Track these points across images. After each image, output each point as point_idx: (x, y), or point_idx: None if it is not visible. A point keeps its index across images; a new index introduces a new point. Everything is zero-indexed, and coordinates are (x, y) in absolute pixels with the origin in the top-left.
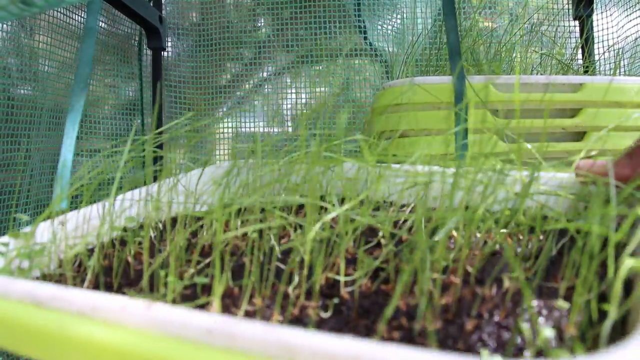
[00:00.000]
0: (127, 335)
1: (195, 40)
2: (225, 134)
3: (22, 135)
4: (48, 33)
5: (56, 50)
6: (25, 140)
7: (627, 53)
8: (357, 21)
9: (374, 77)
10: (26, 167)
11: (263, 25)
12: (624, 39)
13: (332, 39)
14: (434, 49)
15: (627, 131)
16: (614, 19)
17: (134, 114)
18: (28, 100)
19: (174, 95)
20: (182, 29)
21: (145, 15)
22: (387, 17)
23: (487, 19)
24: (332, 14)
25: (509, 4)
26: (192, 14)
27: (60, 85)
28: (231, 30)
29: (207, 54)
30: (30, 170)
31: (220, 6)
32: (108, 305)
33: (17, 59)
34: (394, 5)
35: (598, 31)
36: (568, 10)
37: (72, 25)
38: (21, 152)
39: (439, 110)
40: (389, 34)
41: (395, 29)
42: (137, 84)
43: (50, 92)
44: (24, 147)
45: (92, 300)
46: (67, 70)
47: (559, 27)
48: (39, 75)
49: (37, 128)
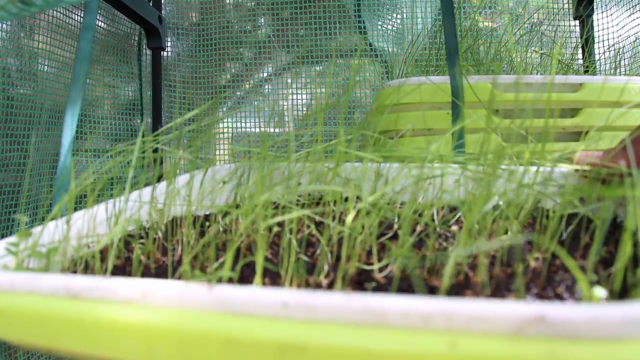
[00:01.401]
0: (187, 318)
1: (195, 40)
2: (226, 134)
3: (21, 135)
4: (47, 33)
5: (55, 50)
6: (25, 140)
7: (627, 53)
8: (357, 21)
9: (373, 77)
10: (25, 167)
11: (263, 25)
12: (624, 39)
13: (332, 39)
14: (434, 48)
15: (627, 131)
16: (615, 18)
17: (134, 114)
18: (27, 100)
19: (173, 95)
20: (182, 29)
21: (145, 15)
22: (387, 17)
23: (487, 19)
24: (332, 14)
25: (509, 4)
26: (191, 14)
27: (59, 85)
28: (231, 30)
29: (206, 54)
30: (30, 170)
31: (220, 6)
32: (160, 290)
33: (17, 59)
34: (394, 5)
35: (598, 31)
36: (568, 9)
37: (71, 25)
38: (20, 152)
39: (440, 110)
40: (388, 34)
41: (395, 29)
42: (136, 84)
43: (50, 92)
44: (23, 147)
45: (140, 287)
46: (67, 70)
47: (559, 27)
48: (38, 75)
49: (37, 128)
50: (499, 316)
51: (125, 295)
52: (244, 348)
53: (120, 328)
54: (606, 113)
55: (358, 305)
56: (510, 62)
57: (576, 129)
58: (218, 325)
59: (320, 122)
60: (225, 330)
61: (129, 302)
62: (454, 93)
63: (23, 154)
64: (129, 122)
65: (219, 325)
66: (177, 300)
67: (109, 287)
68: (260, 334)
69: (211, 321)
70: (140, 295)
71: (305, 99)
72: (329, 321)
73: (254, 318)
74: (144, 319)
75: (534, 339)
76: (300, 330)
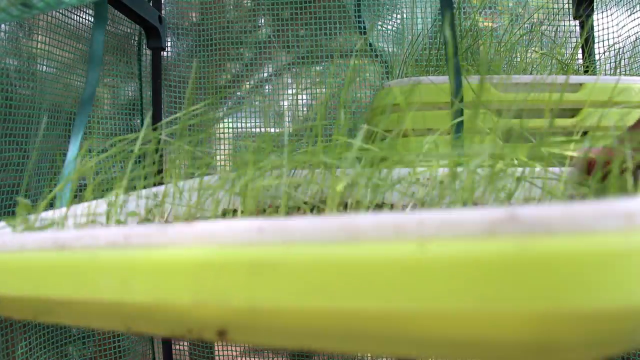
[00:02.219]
0: (168, 253)
1: (195, 40)
2: (226, 134)
3: (20, 135)
4: (47, 33)
5: (54, 50)
6: (23, 140)
7: (627, 53)
8: (357, 21)
9: (373, 77)
10: (24, 167)
11: (263, 25)
12: (624, 39)
13: (332, 39)
14: (434, 48)
15: None
16: (615, 18)
17: (134, 114)
18: (26, 100)
19: (173, 95)
20: (182, 29)
21: (145, 15)
22: (387, 16)
23: (487, 19)
24: (332, 14)
25: (508, 4)
26: (191, 13)
27: (59, 85)
28: (231, 30)
29: (206, 54)
30: (28, 170)
31: (220, 6)
32: (142, 230)
33: (16, 59)
34: (394, 5)
35: (598, 31)
36: (568, 9)
37: (70, 25)
38: (19, 152)
39: (440, 110)
40: (388, 34)
41: (395, 29)
42: (136, 84)
43: (49, 92)
44: (21, 146)
45: (124, 231)
46: (66, 71)
47: (559, 27)
48: (37, 75)
49: (35, 128)
50: (470, 219)
51: (108, 240)
52: (218, 270)
53: (103, 267)
54: (606, 113)
55: (332, 224)
56: (510, 62)
57: (575, 128)
58: (196, 253)
59: (321, 117)
60: (202, 257)
61: (112, 244)
62: (453, 92)
63: (22, 154)
64: (129, 122)
65: (197, 253)
66: (158, 236)
67: (94, 234)
68: (235, 256)
69: (189, 252)
70: (123, 238)
71: (305, 99)
72: (303, 242)
73: (233, 245)
74: (124, 258)
75: (505, 236)
76: (275, 250)
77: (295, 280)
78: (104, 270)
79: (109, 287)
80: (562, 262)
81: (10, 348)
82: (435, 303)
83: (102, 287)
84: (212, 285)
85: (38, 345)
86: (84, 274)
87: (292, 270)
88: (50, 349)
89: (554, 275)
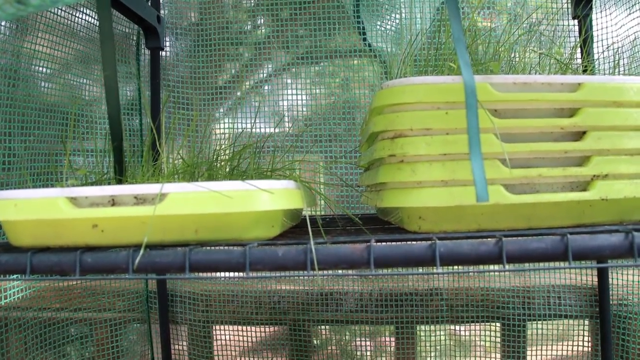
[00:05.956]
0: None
1: (194, 40)
2: (225, 134)
3: (17, 134)
4: (45, 33)
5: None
6: (8, 138)
7: (626, 52)
8: (356, 21)
9: (372, 77)
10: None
11: (262, 25)
12: (623, 38)
13: (331, 40)
14: (433, 48)
15: (627, 130)
16: (613, 18)
17: (133, 114)
18: (24, 99)
19: (172, 95)
20: (181, 29)
21: (143, 15)
22: (386, 16)
23: (486, 19)
24: (331, 14)
25: (507, 4)
26: (190, 13)
27: (57, 85)
28: (230, 30)
29: (205, 54)
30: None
31: (218, 6)
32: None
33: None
34: (393, 5)
35: (597, 30)
36: (567, 9)
37: (67, 25)
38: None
39: (439, 110)
40: (387, 34)
41: (394, 29)
42: (135, 84)
43: (46, 92)
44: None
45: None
46: (64, 70)
47: (557, 27)
48: (34, 74)
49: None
50: None
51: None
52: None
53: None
54: (605, 113)
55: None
56: (509, 62)
57: (575, 128)
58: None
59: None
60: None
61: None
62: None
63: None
64: (128, 122)
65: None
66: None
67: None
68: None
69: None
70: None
71: (304, 99)
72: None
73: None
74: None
75: None
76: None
77: None
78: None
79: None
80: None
81: (5, 348)
82: None
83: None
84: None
85: (34, 345)
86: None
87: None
88: (47, 348)
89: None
